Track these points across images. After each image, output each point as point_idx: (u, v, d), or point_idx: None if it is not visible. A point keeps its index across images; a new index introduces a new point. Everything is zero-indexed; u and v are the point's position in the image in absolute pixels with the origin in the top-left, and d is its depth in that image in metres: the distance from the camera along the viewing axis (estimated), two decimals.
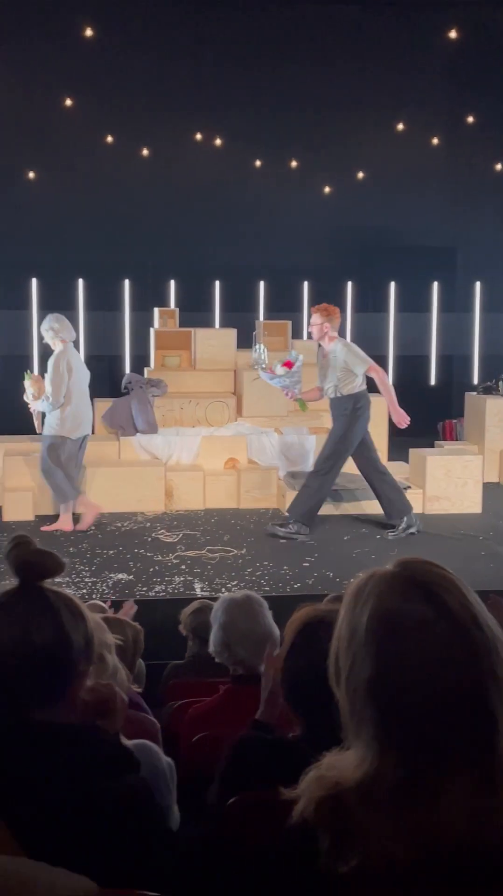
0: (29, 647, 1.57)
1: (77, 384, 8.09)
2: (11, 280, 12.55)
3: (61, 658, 1.59)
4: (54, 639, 1.58)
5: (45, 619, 1.59)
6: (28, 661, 1.57)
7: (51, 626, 1.59)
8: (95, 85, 12.29)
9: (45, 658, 1.58)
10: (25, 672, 1.57)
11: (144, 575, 6.98)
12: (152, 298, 12.30)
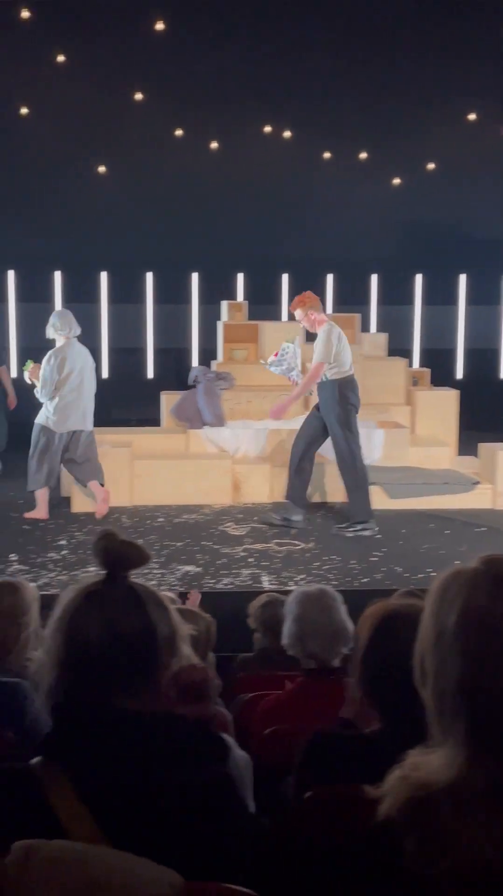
0: (116, 637, 1.57)
1: (71, 381, 8.08)
2: (82, 274, 12.67)
3: (147, 648, 1.59)
4: (141, 630, 1.58)
5: (131, 610, 1.59)
6: (115, 652, 1.57)
7: (137, 617, 1.58)
8: (165, 79, 12.32)
9: (132, 648, 1.57)
10: (112, 662, 1.57)
11: (212, 567, 6.99)
12: (220, 291, 12.31)
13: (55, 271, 12.83)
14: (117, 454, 8.76)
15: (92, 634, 1.59)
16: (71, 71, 11.68)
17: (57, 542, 7.55)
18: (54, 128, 12.21)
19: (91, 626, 1.60)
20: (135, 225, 12.55)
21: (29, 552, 7.24)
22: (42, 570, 6.81)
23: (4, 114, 12.13)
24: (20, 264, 12.68)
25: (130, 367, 13.04)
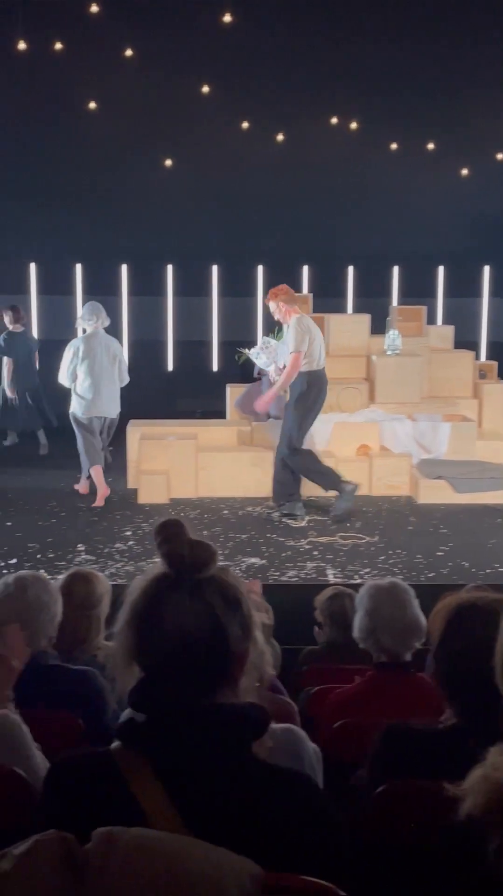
0: (186, 635, 1.55)
1: (90, 369, 8.45)
2: (148, 267, 12.74)
3: (219, 643, 1.57)
4: (211, 626, 1.55)
5: (201, 607, 1.55)
6: (186, 648, 1.55)
7: (207, 614, 1.56)
8: (232, 71, 12.32)
9: (203, 644, 1.56)
10: (185, 658, 1.56)
11: (277, 560, 6.99)
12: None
13: (121, 264, 12.92)
14: (182, 446, 8.80)
15: (161, 632, 1.57)
16: (138, 64, 11.73)
17: (123, 532, 7.62)
18: (121, 122, 12.29)
19: (160, 624, 1.58)
20: (200, 218, 12.58)
21: (96, 543, 7.32)
22: (109, 561, 6.87)
23: (72, 108, 12.24)
24: (87, 258, 12.79)
25: (195, 360, 13.10)
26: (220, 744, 1.53)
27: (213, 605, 1.58)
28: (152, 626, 1.59)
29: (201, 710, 1.54)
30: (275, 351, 8.48)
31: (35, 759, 2.41)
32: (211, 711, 1.55)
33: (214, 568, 1.62)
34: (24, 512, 8.22)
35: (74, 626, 3.50)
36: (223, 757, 1.52)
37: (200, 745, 1.52)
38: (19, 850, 1.26)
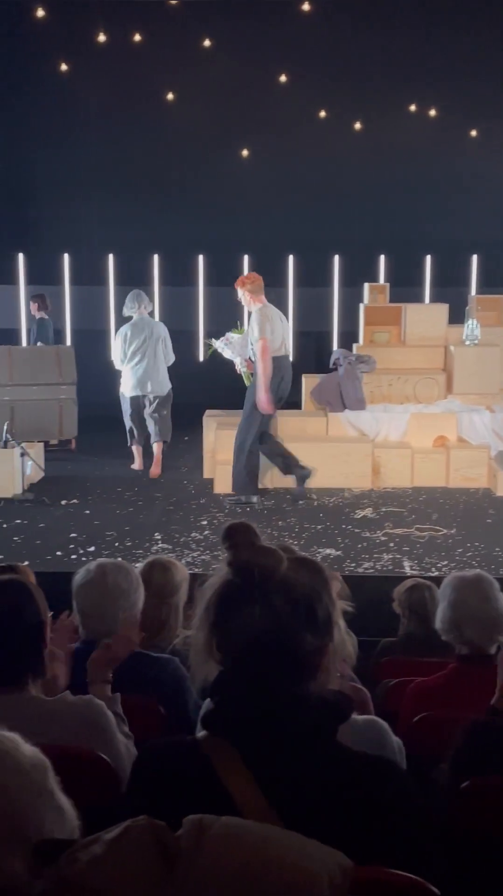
0: (254, 641, 1.54)
1: (137, 352, 9.14)
2: (224, 257, 12.76)
3: (288, 648, 1.56)
4: (277, 634, 1.54)
5: (265, 618, 1.54)
6: (264, 643, 1.55)
7: (272, 625, 1.54)
8: (309, 60, 12.26)
9: (272, 650, 1.55)
10: (263, 653, 1.55)
11: (352, 551, 6.96)
12: (362, 273, 12.20)
13: (197, 255, 12.97)
14: None
15: (232, 634, 1.57)
16: (216, 55, 11.75)
17: (199, 522, 7.66)
18: (199, 112, 12.33)
19: (230, 628, 1.58)
20: (277, 208, 12.57)
21: (173, 531, 7.37)
22: (185, 550, 6.92)
23: (151, 99, 12.32)
24: (164, 248, 12.86)
25: None
26: (305, 731, 1.53)
27: (279, 611, 1.57)
28: (223, 629, 1.59)
29: (284, 699, 1.54)
30: (238, 345, 8.63)
31: (118, 743, 2.44)
32: (294, 700, 1.54)
33: (280, 575, 1.60)
34: (102, 500, 8.33)
35: (153, 614, 3.53)
36: (309, 744, 1.52)
37: (286, 732, 1.51)
38: (111, 836, 1.27)
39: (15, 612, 2.32)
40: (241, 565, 1.59)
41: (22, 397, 9.90)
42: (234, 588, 1.59)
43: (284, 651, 1.57)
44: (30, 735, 1.66)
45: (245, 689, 1.56)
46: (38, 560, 6.48)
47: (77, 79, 12.25)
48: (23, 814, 1.55)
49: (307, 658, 1.58)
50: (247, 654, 1.57)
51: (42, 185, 13.18)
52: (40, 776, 1.60)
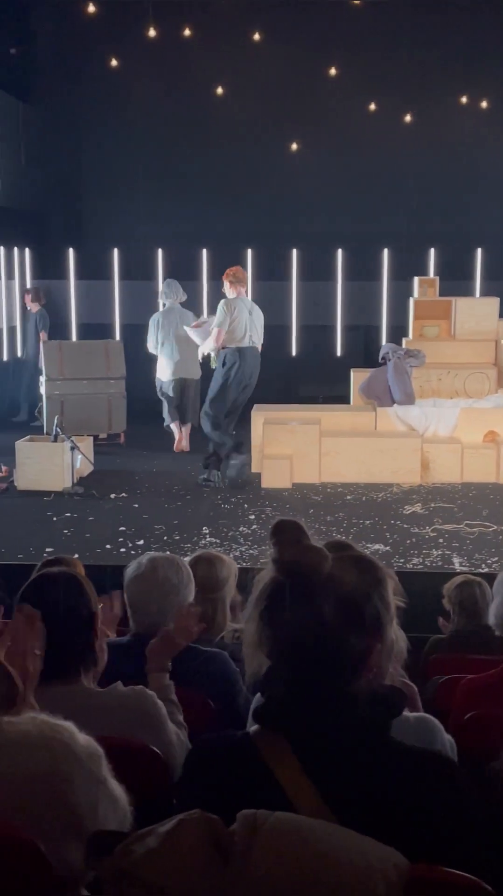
0: (301, 639, 1.54)
1: (169, 339, 9.72)
2: (274, 251, 12.74)
3: (335, 647, 1.54)
4: (323, 634, 1.53)
5: (310, 617, 1.53)
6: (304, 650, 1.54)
7: (317, 624, 1.53)
8: (359, 52, 12.20)
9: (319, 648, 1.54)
10: (305, 658, 1.54)
11: (401, 547, 6.92)
12: (412, 267, 12.11)
13: (246, 249, 12.96)
14: (306, 431, 8.80)
15: (279, 632, 1.56)
16: (266, 48, 11.72)
17: (247, 516, 7.67)
18: (248, 106, 12.32)
19: (278, 625, 1.57)
20: (326, 201, 12.53)
21: (221, 526, 7.39)
22: (233, 544, 6.92)
23: (201, 94, 12.33)
24: (213, 242, 12.88)
25: (319, 345, 13.05)
26: (357, 726, 1.52)
27: (322, 611, 1.55)
28: (270, 625, 1.58)
29: (332, 695, 1.53)
30: (199, 330, 9.04)
31: (169, 733, 2.44)
32: (343, 695, 1.53)
33: (325, 574, 1.58)
34: (151, 494, 8.37)
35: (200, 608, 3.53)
36: (362, 739, 1.51)
37: (338, 727, 1.51)
38: (165, 829, 1.28)
39: (67, 604, 2.34)
40: (287, 564, 1.58)
41: (72, 392, 9.98)
42: (280, 586, 1.59)
43: (327, 651, 1.55)
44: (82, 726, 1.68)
45: (292, 685, 1.55)
46: (87, 553, 6.53)
47: (127, 74, 12.30)
48: (78, 802, 1.56)
49: (351, 658, 1.56)
50: (291, 651, 1.56)
51: (92, 181, 13.27)
52: (95, 765, 1.61)
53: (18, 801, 1.55)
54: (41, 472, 8.32)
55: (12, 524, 7.44)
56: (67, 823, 1.56)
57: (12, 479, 8.47)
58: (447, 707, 3.25)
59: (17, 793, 1.55)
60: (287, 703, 1.54)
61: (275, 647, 1.58)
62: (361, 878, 1.20)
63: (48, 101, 13.19)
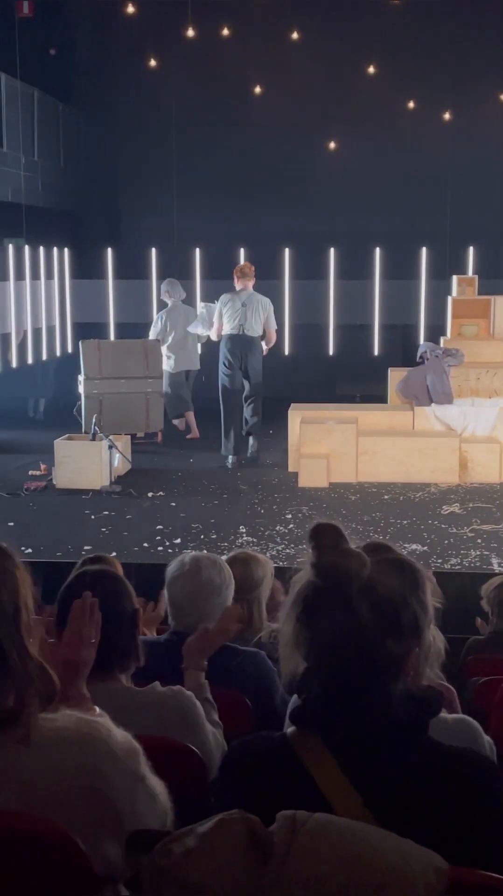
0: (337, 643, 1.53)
1: (174, 334, 10.47)
2: (310, 250, 12.72)
3: (371, 651, 1.54)
4: (360, 639, 1.52)
5: (347, 622, 1.52)
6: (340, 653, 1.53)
7: (355, 629, 1.52)
8: (398, 51, 12.15)
9: (355, 653, 1.53)
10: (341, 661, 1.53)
11: (439, 547, 6.88)
12: (450, 266, 12.04)
13: (283, 248, 12.95)
14: (343, 430, 8.78)
15: (316, 635, 1.56)
16: (304, 47, 11.71)
17: (284, 515, 7.66)
18: (287, 105, 12.31)
19: (314, 628, 1.56)
20: (364, 199, 12.48)
21: (257, 525, 7.39)
22: (270, 543, 6.92)
23: (239, 94, 12.35)
24: (251, 242, 12.88)
25: (356, 344, 13.01)
26: (395, 727, 1.51)
27: (359, 616, 1.54)
28: (308, 628, 1.57)
29: (369, 697, 1.53)
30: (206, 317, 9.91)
31: (206, 733, 2.45)
32: (381, 697, 1.53)
33: (363, 579, 1.57)
34: (188, 493, 8.39)
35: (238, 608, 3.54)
36: (400, 740, 1.50)
37: (375, 729, 1.50)
38: (204, 828, 1.28)
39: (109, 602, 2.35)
40: (325, 568, 1.57)
41: (110, 390, 10.03)
42: (317, 589, 1.58)
43: (364, 654, 1.55)
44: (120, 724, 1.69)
45: (329, 687, 1.54)
46: (125, 551, 6.56)
47: (165, 74, 12.34)
48: (115, 798, 1.57)
49: (389, 662, 1.56)
50: (329, 654, 1.55)
51: (130, 181, 13.33)
52: (132, 762, 1.62)
53: (56, 797, 1.56)
54: (79, 470, 8.37)
55: (51, 522, 7.50)
56: (105, 820, 1.57)
57: (51, 478, 8.53)
58: (486, 708, 3.23)
59: (55, 789, 1.56)
60: (324, 704, 1.54)
61: (313, 650, 1.57)
62: (401, 880, 1.19)
63: (87, 101, 13.28)
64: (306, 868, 1.20)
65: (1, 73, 11.09)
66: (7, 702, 1.58)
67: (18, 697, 1.58)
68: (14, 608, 1.61)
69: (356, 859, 1.20)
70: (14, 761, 1.56)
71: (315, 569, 1.58)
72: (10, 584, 1.62)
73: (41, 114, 12.25)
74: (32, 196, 11.93)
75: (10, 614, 1.60)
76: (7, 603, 1.60)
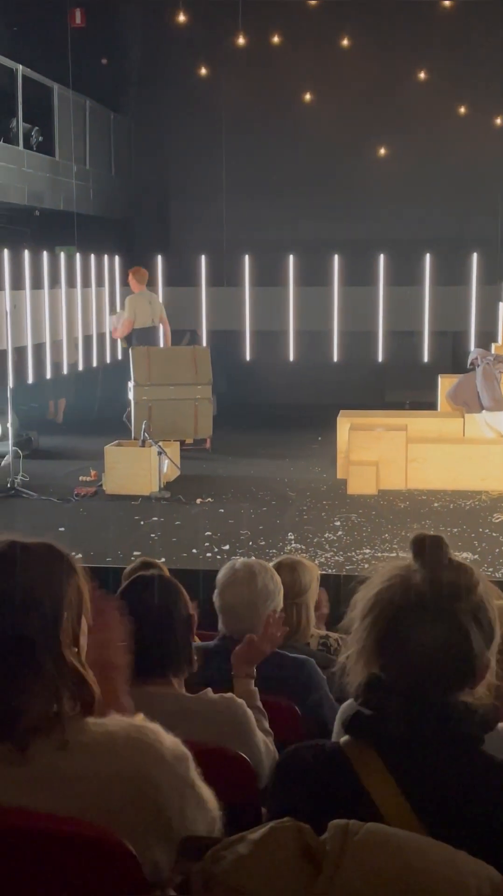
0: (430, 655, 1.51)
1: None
2: (359, 256, 12.68)
3: (461, 664, 1.52)
4: (457, 652, 1.50)
5: (450, 637, 1.50)
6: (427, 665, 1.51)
7: (456, 644, 1.50)
8: (449, 56, 12.09)
9: (445, 665, 1.51)
10: (424, 672, 1.52)
11: (490, 555, 6.81)
12: (501, 271, 11.94)
13: (333, 255, 12.92)
14: (392, 437, 8.74)
15: (405, 646, 1.53)
16: (355, 53, 11.70)
17: (332, 522, 7.64)
18: (337, 112, 12.31)
19: (404, 638, 1.54)
20: (414, 205, 12.44)
21: (306, 532, 7.37)
22: (318, 550, 6.91)
23: (289, 101, 12.37)
24: (301, 248, 12.88)
25: (406, 350, 12.94)
26: (451, 739, 1.49)
27: (466, 631, 1.53)
28: (395, 638, 1.55)
29: (434, 708, 1.51)
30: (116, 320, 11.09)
31: (258, 741, 2.44)
32: (443, 708, 1.51)
33: (475, 594, 1.55)
34: (236, 499, 8.40)
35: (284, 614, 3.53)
36: (455, 753, 1.49)
37: (432, 740, 1.49)
38: (256, 836, 1.27)
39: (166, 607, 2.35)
40: (434, 583, 1.55)
41: (159, 397, 10.09)
42: (418, 601, 1.55)
43: (459, 667, 1.53)
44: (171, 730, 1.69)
45: (403, 697, 1.52)
46: (173, 557, 6.58)
47: (216, 82, 12.40)
48: (164, 804, 1.57)
49: (471, 675, 1.54)
50: (417, 665, 1.53)
51: (180, 188, 13.41)
52: (182, 767, 1.62)
53: (105, 802, 1.56)
54: (129, 476, 8.43)
55: (100, 528, 7.55)
56: (154, 825, 1.57)
57: (101, 484, 8.59)
58: None
59: (104, 794, 1.56)
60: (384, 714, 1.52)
61: (396, 660, 1.54)
62: (455, 892, 1.18)
63: (138, 110, 13.39)
64: (359, 878, 1.19)
65: (54, 83, 11.22)
66: (43, 707, 1.58)
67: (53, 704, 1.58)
68: (55, 614, 1.60)
69: (410, 870, 1.19)
70: (61, 766, 1.56)
71: (426, 583, 1.55)
72: (55, 590, 1.61)
73: (93, 123, 12.37)
74: (84, 204, 12.05)
75: (49, 621, 1.59)
76: (48, 608, 1.59)
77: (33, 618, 1.58)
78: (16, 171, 10.34)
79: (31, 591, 1.59)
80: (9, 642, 1.58)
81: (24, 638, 1.57)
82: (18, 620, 1.58)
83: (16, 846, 1.54)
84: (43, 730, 1.56)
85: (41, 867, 1.54)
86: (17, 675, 1.57)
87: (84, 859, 1.52)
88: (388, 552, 6.72)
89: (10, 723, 1.56)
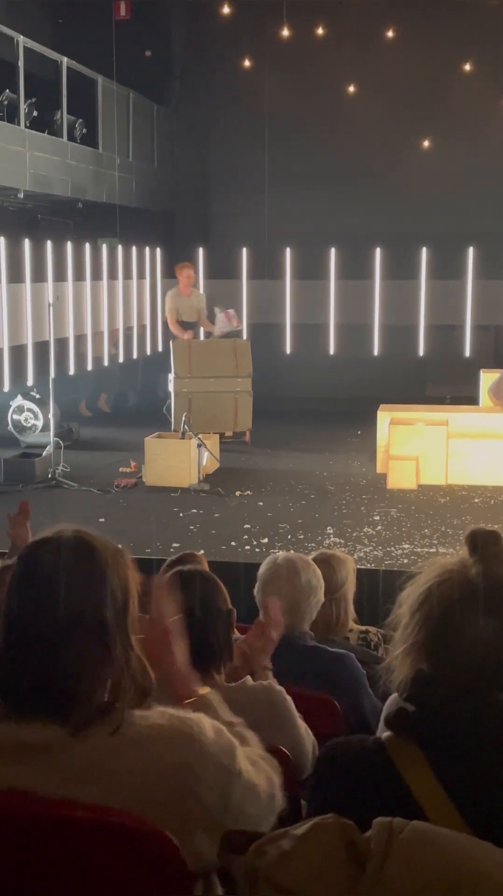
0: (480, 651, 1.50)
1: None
2: (403, 250, 12.61)
3: None
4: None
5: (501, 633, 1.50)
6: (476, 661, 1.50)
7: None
8: (494, 48, 11.96)
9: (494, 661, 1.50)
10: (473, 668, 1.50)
11: None
12: None
13: (375, 248, 12.86)
14: (433, 432, 8.68)
15: (456, 641, 1.52)
16: (399, 45, 11.62)
17: (372, 517, 7.61)
18: (381, 104, 12.23)
19: (456, 633, 1.53)
20: (457, 199, 12.33)
21: (345, 526, 7.35)
22: (357, 545, 6.88)
23: (333, 93, 12.32)
24: (342, 241, 12.83)
25: (447, 345, 12.85)
26: (495, 738, 1.48)
27: None
28: (447, 633, 1.54)
29: (483, 705, 1.50)
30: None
31: (299, 728, 2.43)
32: (492, 706, 1.50)
33: None
34: (275, 492, 8.40)
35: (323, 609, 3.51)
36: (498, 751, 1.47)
37: (475, 739, 1.47)
38: (299, 831, 1.27)
39: (206, 600, 2.35)
40: (487, 575, 1.53)
41: (199, 389, 10.11)
42: (472, 596, 1.53)
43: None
44: None
45: (451, 693, 1.51)
46: (212, 549, 6.59)
47: (259, 74, 12.38)
48: (208, 795, 1.57)
49: None
50: (468, 661, 1.52)
51: (222, 181, 13.40)
52: (227, 758, 1.62)
53: (149, 794, 1.57)
54: (168, 468, 8.45)
55: (140, 519, 7.59)
56: (196, 816, 1.58)
57: (141, 475, 8.63)
58: None
59: (147, 786, 1.57)
60: (430, 710, 1.51)
61: (447, 655, 1.53)
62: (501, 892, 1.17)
63: (181, 103, 13.39)
64: (405, 877, 1.18)
65: (98, 75, 11.26)
66: (102, 694, 1.60)
67: (114, 690, 1.60)
68: (125, 600, 1.64)
69: (454, 868, 1.18)
70: (106, 757, 1.57)
71: (480, 577, 1.53)
72: (124, 578, 1.66)
73: (136, 115, 12.40)
74: (126, 197, 12.08)
75: (121, 606, 1.63)
76: (119, 594, 1.63)
77: (109, 604, 1.62)
78: (60, 163, 10.39)
79: (105, 578, 1.63)
80: (85, 626, 1.60)
81: (103, 622, 1.60)
82: (97, 604, 1.61)
83: (60, 837, 1.55)
84: (97, 718, 1.58)
85: (84, 857, 1.55)
86: (86, 660, 1.59)
87: (127, 850, 1.53)
88: (428, 548, 6.68)
89: (68, 707, 1.58)
